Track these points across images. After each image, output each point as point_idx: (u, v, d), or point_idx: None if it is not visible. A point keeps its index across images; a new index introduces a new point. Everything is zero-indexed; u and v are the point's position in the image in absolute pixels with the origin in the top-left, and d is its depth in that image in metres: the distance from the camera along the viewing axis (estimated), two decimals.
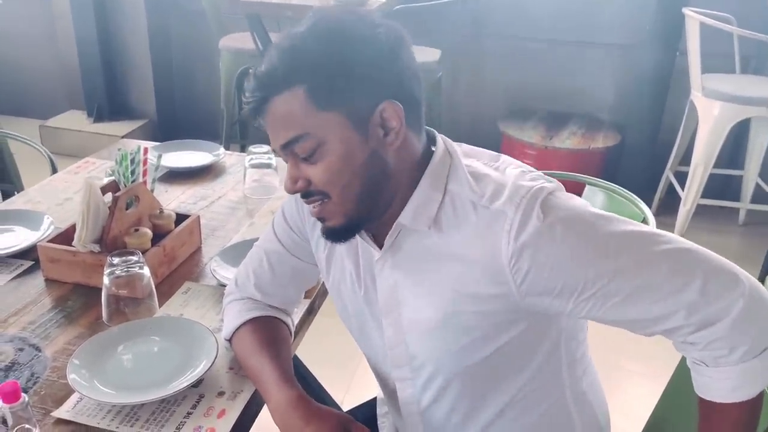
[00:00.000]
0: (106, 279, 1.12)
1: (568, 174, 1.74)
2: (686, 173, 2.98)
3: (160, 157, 1.48)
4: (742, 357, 0.80)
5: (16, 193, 2.59)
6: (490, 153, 0.92)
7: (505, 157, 0.91)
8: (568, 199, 0.83)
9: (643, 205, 1.52)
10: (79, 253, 1.23)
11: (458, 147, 0.91)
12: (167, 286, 1.26)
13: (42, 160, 1.91)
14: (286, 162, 0.86)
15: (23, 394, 0.85)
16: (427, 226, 0.85)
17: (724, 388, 0.81)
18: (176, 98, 4.06)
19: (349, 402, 1.92)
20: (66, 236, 1.28)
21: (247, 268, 1.09)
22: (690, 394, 0.88)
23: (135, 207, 1.31)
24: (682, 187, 3.00)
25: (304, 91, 0.79)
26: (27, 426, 0.84)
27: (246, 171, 1.66)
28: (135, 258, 1.13)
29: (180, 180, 1.72)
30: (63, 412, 0.95)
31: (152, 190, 1.39)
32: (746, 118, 2.82)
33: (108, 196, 1.29)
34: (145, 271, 1.14)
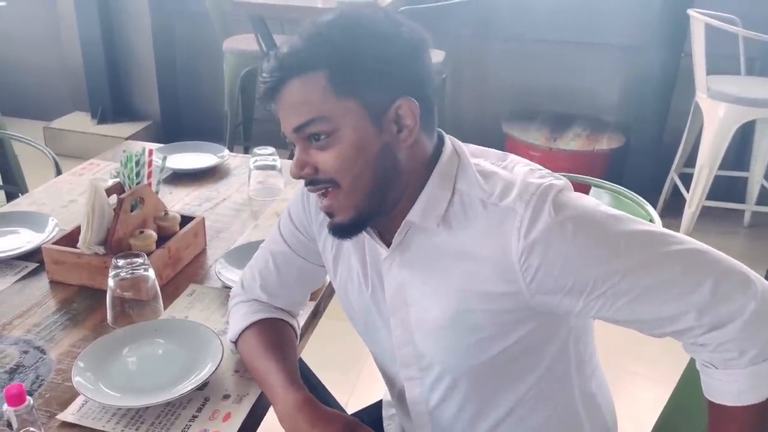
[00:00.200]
0: (111, 281, 1.11)
1: (574, 176, 1.73)
2: (691, 175, 2.97)
3: (164, 159, 1.47)
4: (752, 360, 0.79)
5: (21, 194, 2.60)
6: (497, 152, 0.92)
7: (513, 156, 0.91)
8: (579, 197, 0.83)
9: (650, 208, 1.52)
10: (84, 255, 1.23)
11: (465, 147, 0.91)
12: (172, 288, 1.26)
13: (46, 161, 1.91)
14: (293, 146, 0.85)
15: (28, 397, 0.85)
16: (435, 223, 0.85)
17: (732, 391, 0.81)
18: (180, 100, 4.06)
19: (353, 404, 1.92)
20: (71, 238, 1.28)
21: (252, 270, 1.09)
22: (698, 399, 0.87)
23: (140, 209, 1.31)
24: (687, 188, 2.99)
25: (325, 76, 0.79)
26: (32, 429, 0.84)
27: (251, 173, 1.65)
28: (140, 260, 1.13)
29: (185, 182, 1.72)
30: (68, 415, 0.95)
31: (157, 191, 1.39)
32: (751, 119, 2.81)
33: (113, 198, 1.29)
34: (150, 273, 1.14)
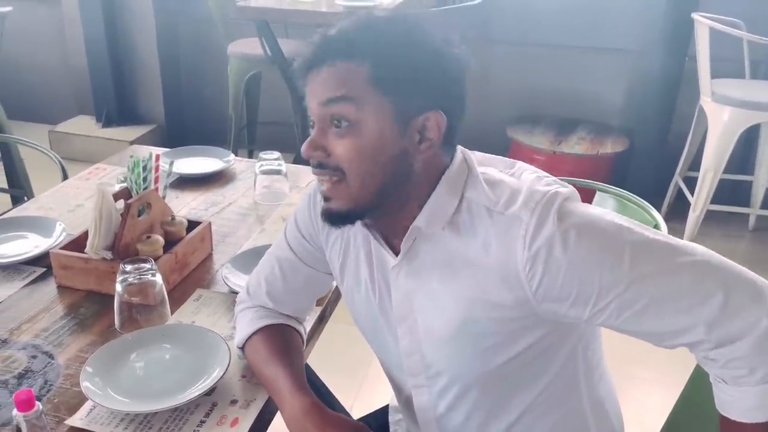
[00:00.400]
0: (118, 286, 1.12)
1: (578, 180, 1.73)
2: (696, 178, 2.96)
3: (171, 164, 1.48)
4: (763, 378, 0.79)
5: (26, 198, 2.61)
6: (505, 160, 0.92)
7: (521, 164, 0.91)
8: (585, 206, 0.83)
9: (655, 212, 1.51)
10: (92, 260, 1.23)
11: (473, 155, 0.91)
12: (179, 293, 1.26)
13: (51, 165, 1.91)
14: (312, 126, 0.85)
15: (37, 403, 0.85)
16: (441, 227, 0.85)
17: (742, 407, 0.81)
18: (184, 103, 4.07)
19: (358, 409, 1.92)
20: (78, 243, 1.28)
21: (258, 276, 1.09)
22: (705, 404, 0.87)
23: (147, 214, 1.31)
24: (692, 192, 2.99)
25: (368, 68, 0.80)
26: None
27: (256, 177, 1.66)
28: (147, 265, 1.13)
29: (191, 186, 1.72)
30: (76, 420, 0.95)
31: (164, 196, 1.39)
32: (756, 123, 2.80)
33: (120, 203, 1.29)
34: (158, 278, 1.14)
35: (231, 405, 0.99)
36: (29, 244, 1.39)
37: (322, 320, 1.24)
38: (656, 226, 1.47)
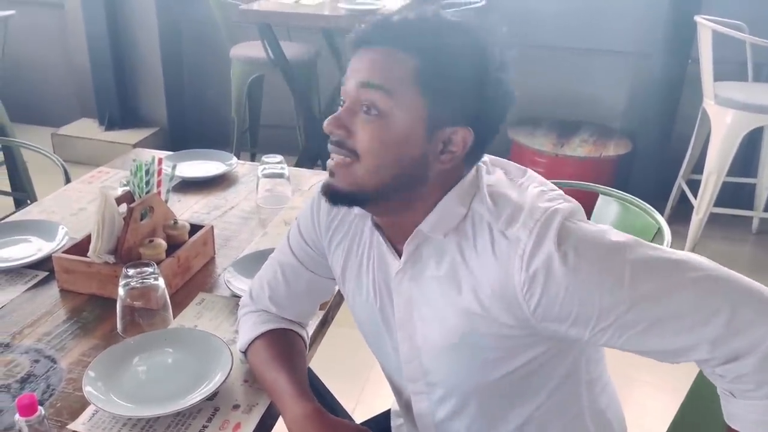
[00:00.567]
0: (121, 290, 1.12)
1: (582, 184, 1.73)
2: (699, 181, 2.96)
3: (174, 168, 1.48)
4: None
5: (29, 201, 2.62)
6: (518, 166, 0.91)
7: (531, 173, 0.90)
8: (586, 224, 0.81)
9: (658, 216, 1.51)
10: (94, 264, 1.23)
11: (486, 157, 0.90)
12: (181, 297, 1.26)
13: (54, 168, 1.92)
14: (343, 103, 0.83)
15: (39, 408, 0.85)
16: (443, 234, 0.85)
17: (749, 420, 0.80)
18: (187, 106, 4.08)
19: (360, 412, 1.92)
20: (81, 247, 1.28)
21: (261, 281, 1.09)
22: (709, 408, 0.87)
23: (149, 218, 1.31)
24: (695, 195, 2.98)
25: (416, 64, 0.79)
26: None
27: (258, 181, 1.66)
28: (150, 269, 1.13)
29: (193, 189, 1.72)
30: (79, 425, 0.95)
31: (166, 200, 1.39)
32: (759, 126, 2.80)
33: (123, 207, 1.29)
34: (160, 282, 1.14)
35: (233, 410, 0.99)
36: (32, 248, 1.39)
37: (324, 324, 1.24)
38: (659, 230, 1.47)
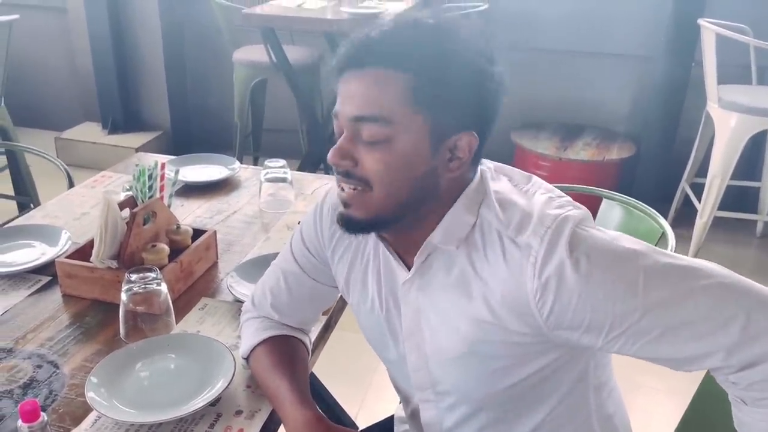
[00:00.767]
0: (123, 295, 1.12)
1: (586, 188, 1.73)
2: (703, 185, 2.95)
3: (177, 172, 1.48)
4: None
5: (32, 205, 2.63)
6: (522, 173, 0.90)
7: (536, 179, 0.89)
8: (597, 231, 0.80)
9: (662, 220, 1.50)
10: (97, 269, 1.23)
11: (491, 164, 0.90)
12: (184, 302, 1.26)
13: (57, 171, 1.92)
14: (340, 132, 0.81)
15: (42, 413, 0.85)
16: (455, 245, 0.84)
17: (759, 429, 0.79)
18: (190, 110, 4.08)
19: (363, 417, 1.91)
20: (84, 252, 1.28)
21: (264, 287, 1.09)
22: (715, 414, 0.86)
23: (152, 222, 1.31)
24: (699, 198, 2.97)
25: (408, 81, 0.76)
26: None
27: (261, 185, 1.66)
28: (153, 274, 1.13)
29: (196, 194, 1.72)
30: (82, 430, 0.95)
31: (169, 205, 1.39)
32: (763, 129, 2.79)
33: (126, 212, 1.29)
34: (163, 287, 1.14)
35: (236, 416, 0.98)
36: (35, 253, 1.39)
37: (327, 329, 1.24)
38: (663, 234, 1.46)
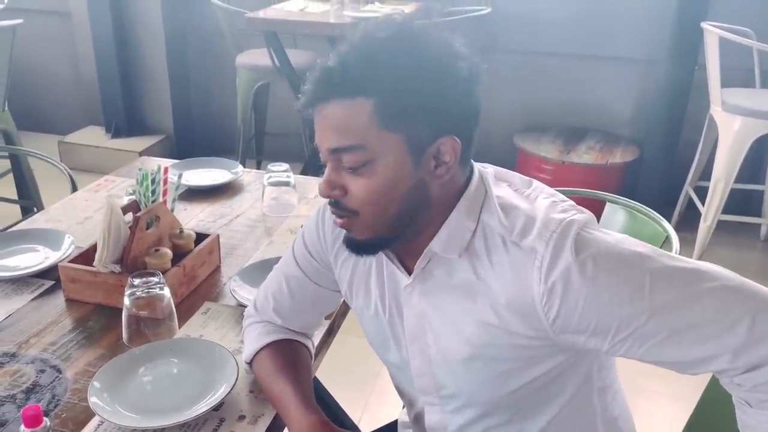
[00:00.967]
0: (126, 300, 1.12)
1: (589, 191, 1.72)
2: (706, 188, 2.94)
3: (180, 177, 1.48)
4: None
5: (36, 209, 2.63)
6: (522, 177, 0.90)
7: (538, 184, 0.89)
8: (602, 234, 0.80)
9: (666, 224, 1.50)
10: (100, 274, 1.23)
11: (491, 169, 0.89)
12: (187, 306, 1.26)
13: (61, 175, 1.92)
14: (324, 162, 0.82)
15: (45, 418, 0.85)
16: (458, 254, 0.83)
17: (765, 431, 0.79)
18: (193, 114, 4.09)
19: (366, 421, 1.91)
20: (87, 256, 1.28)
21: (266, 291, 1.08)
22: (720, 415, 0.85)
23: (155, 227, 1.31)
24: (703, 202, 2.96)
25: (372, 106, 0.76)
26: None
27: (264, 189, 1.66)
28: (156, 279, 1.13)
29: (199, 198, 1.72)
30: None
31: (172, 209, 1.39)
32: (767, 133, 2.78)
33: (129, 216, 1.29)
34: (166, 291, 1.14)
35: (239, 421, 0.98)
36: (38, 257, 1.39)
37: (330, 333, 1.23)
38: (667, 238, 1.46)
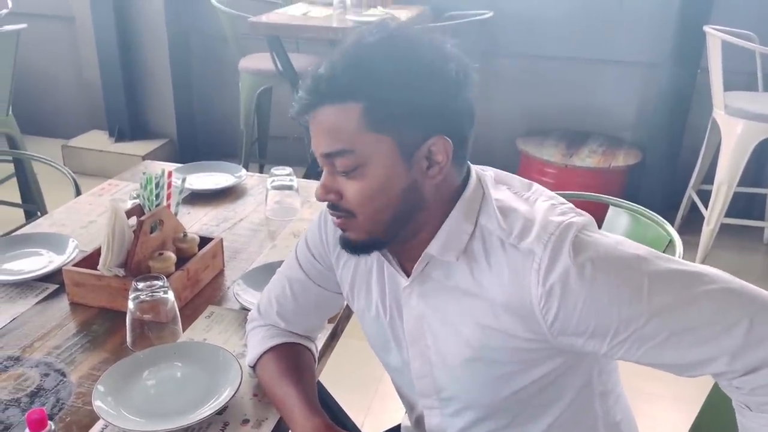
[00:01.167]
0: (130, 303, 1.12)
1: (593, 195, 1.72)
2: (709, 191, 2.93)
3: (184, 181, 1.48)
4: None
5: (39, 213, 2.64)
6: (522, 180, 0.90)
7: (537, 186, 0.89)
8: (601, 236, 0.80)
9: (669, 227, 1.50)
10: (104, 278, 1.24)
11: (491, 172, 0.90)
12: (190, 310, 1.26)
13: (64, 179, 1.93)
14: (322, 166, 0.84)
15: (49, 422, 0.85)
16: (455, 257, 0.84)
17: None
18: (196, 118, 4.10)
19: (369, 425, 1.91)
20: (91, 260, 1.28)
21: (269, 295, 1.09)
22: (725, 419, 0.85)
23: (159, 231, 1.31)
24: (705, 205, 2.96)
25: (360, 110, 0.77)
26: None
27: (267, 192, 1.66)
28: (159, 283, 1.13)
29: (202, 202, 1.73)
30: None
31: (176, 213, 1.39)
32: None
33: (132, 220, 1.30)
34: (170, 295, 1.14)
35: (243, 425, 0.98)
36: (42, 261, 1.39)
37: (333, 337, 1.23)
38: (671, 241, 1.46)
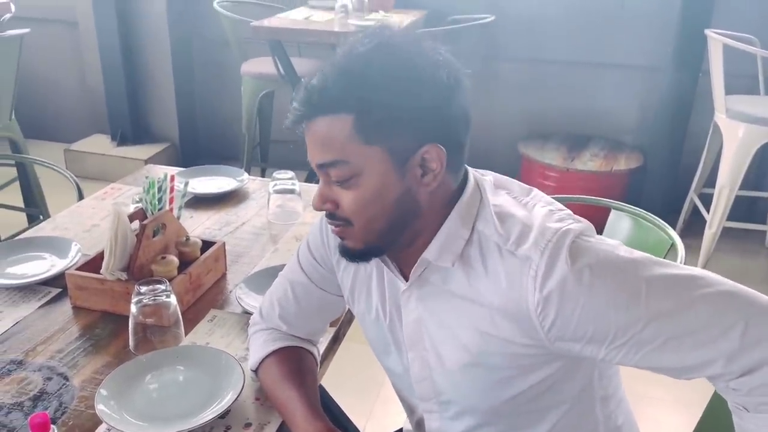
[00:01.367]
0: (133, 307, 1.12)
1: (595, 199, 1.72)
2: (711, 195, 2.93)
3: (186, 184, 1.49)
4: None
5: (42, 216, 2.64)
6: (522, 185, 0.90)
7: (536, 192, 0.89)
8: (598, 241, 0.81)
9: (671, 231, 1.50)
10: (107, 281, 1.24)
11: (491, 177, 0.90)
12: (193, 314, 1.26)
13: (67, 183, 1.93)
14: (318, 176, 0.85)
15: (52, 426, 0.85)
16: (451, 263, 0.84)
17: None
18: (198, 122, 4.11)
19: (371, 429, 1.90)
20: (94, 264, 1.29)
21: (271, 298, 1.09)
22: (728, 423, 0.85)
23: (162, 234, 1.32)
24: (707, 209, 2.96)
25: (352, 121, 0.78)
26: None
27: (270, 196, 1.66)
28: (162, 286, 1.13)
29: (205, 205, 1.73)
30: None
31: (178, 217, 1.40)
32: None
33: (135, 224, 1.30)
34: (172, 299, 1.14)
35: (245, 428, 0.98)
36: (45, 265, 1.40)
37: (335, 341, 1.24)
38: (672, 245, 1.46)
